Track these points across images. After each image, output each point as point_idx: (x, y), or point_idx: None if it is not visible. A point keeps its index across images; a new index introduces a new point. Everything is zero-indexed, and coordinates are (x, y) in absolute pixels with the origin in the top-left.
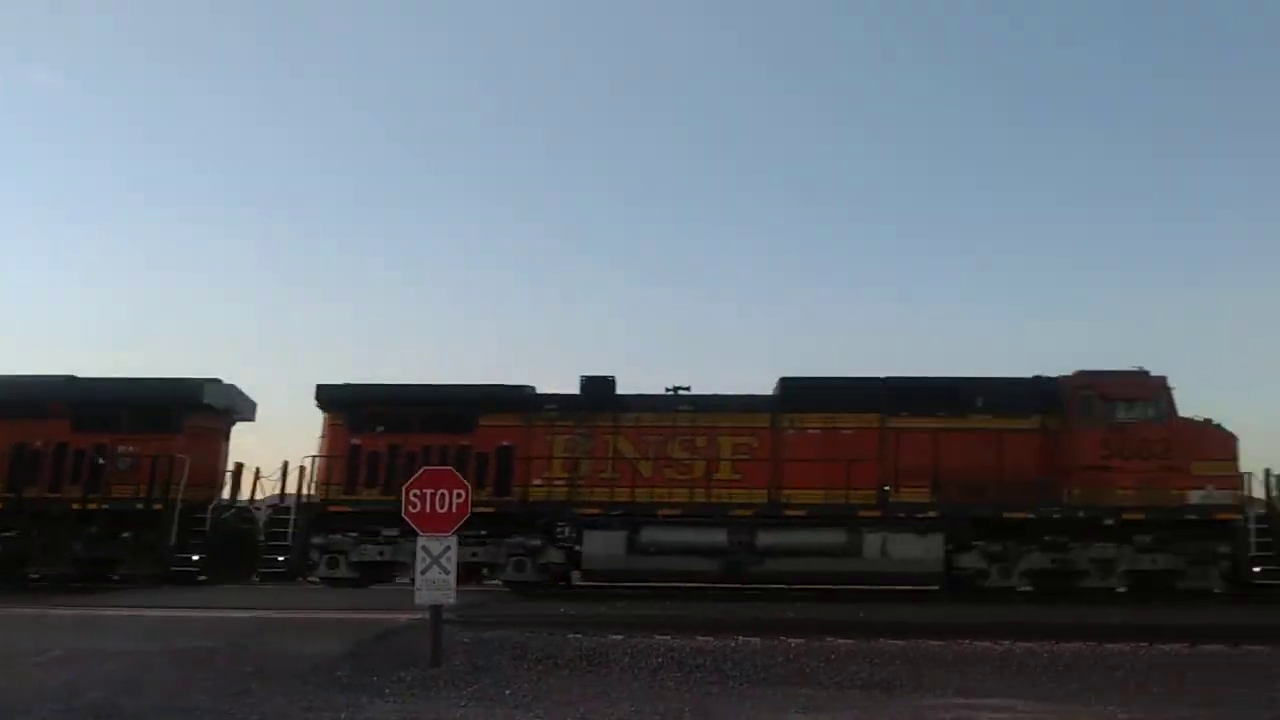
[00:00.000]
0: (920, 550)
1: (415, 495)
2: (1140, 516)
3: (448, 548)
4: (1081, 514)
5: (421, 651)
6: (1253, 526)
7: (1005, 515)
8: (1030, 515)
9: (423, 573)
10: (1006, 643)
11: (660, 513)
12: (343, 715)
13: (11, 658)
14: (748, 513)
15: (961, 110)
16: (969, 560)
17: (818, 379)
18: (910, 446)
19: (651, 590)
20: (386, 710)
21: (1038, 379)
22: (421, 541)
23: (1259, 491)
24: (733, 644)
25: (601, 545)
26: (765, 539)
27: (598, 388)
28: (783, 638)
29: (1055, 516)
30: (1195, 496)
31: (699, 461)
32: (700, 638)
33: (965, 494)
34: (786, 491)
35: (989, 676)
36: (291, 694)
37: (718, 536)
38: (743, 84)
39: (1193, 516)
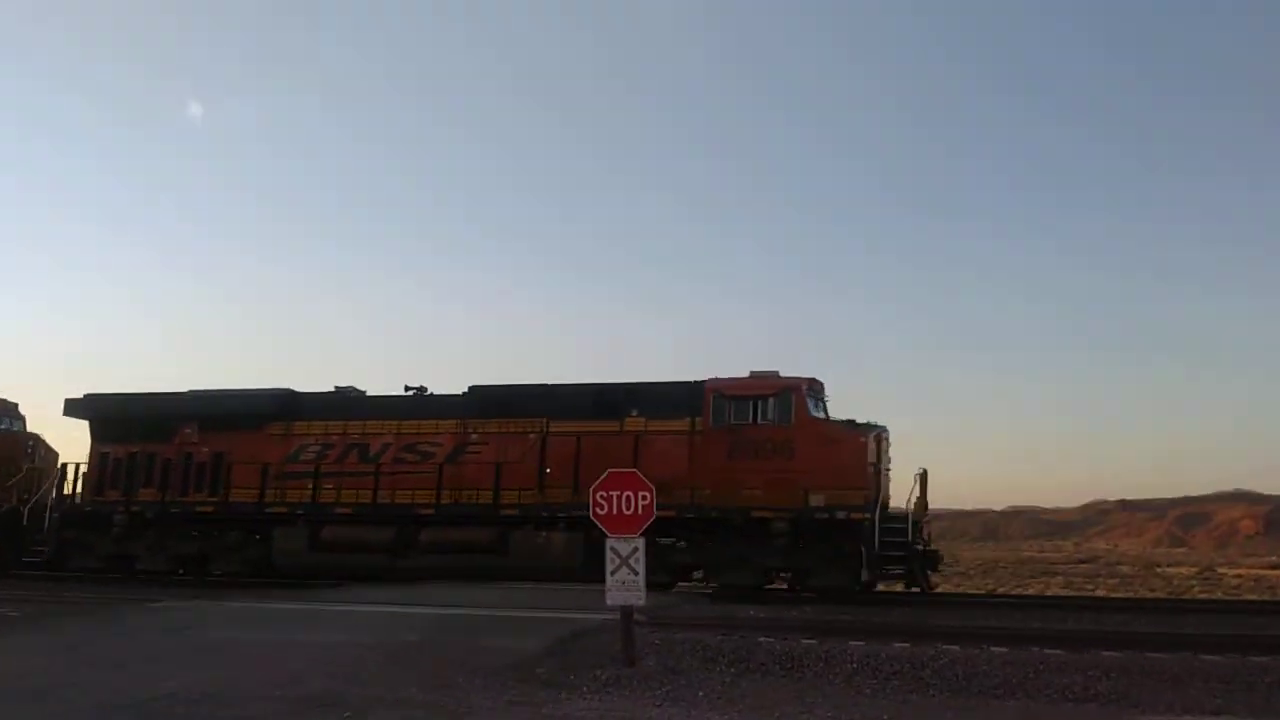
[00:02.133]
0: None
1: (602, 497)
2: None
3: (636, 549)
4: None
5: (615, 651)
6: None
7: None
8: None
9: (612, 573)
10: (1235, 656)
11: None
12: (544, 710)
13: (239, 647)
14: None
15: None
16: None
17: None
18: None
19: None
20: (585, 707)
21: None
22: (610, 543)
23: None
24: (931, 651)
25: None
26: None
27: None
28: (985, 646)
29: None
30: None
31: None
32: (897, 644)
33: None
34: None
35: (1215, 692)
36: (494, 688)
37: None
38: None
39: None
